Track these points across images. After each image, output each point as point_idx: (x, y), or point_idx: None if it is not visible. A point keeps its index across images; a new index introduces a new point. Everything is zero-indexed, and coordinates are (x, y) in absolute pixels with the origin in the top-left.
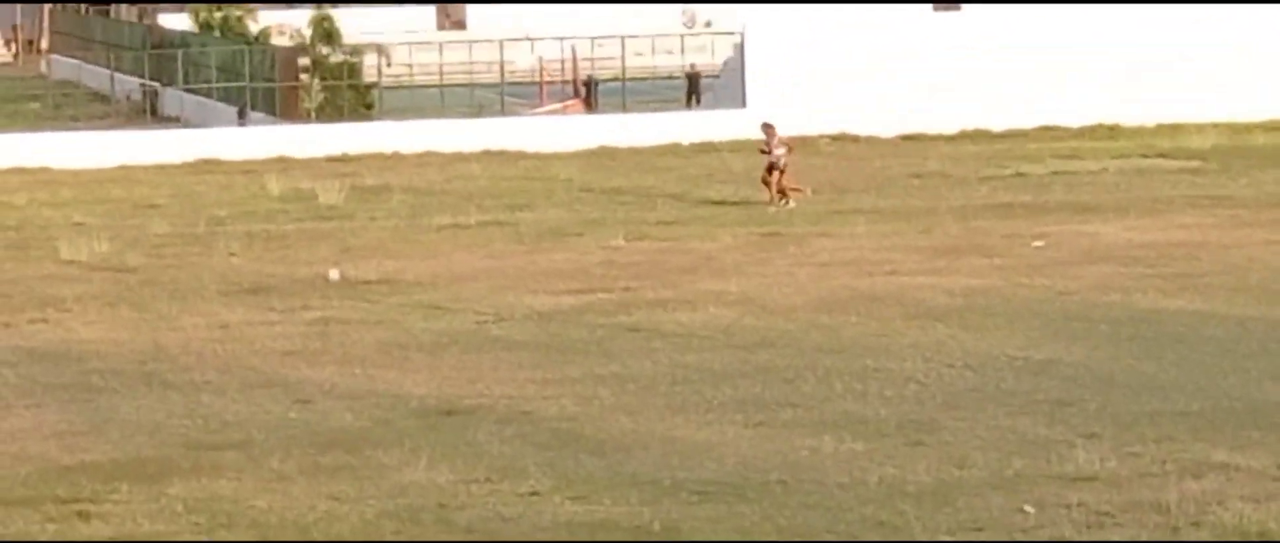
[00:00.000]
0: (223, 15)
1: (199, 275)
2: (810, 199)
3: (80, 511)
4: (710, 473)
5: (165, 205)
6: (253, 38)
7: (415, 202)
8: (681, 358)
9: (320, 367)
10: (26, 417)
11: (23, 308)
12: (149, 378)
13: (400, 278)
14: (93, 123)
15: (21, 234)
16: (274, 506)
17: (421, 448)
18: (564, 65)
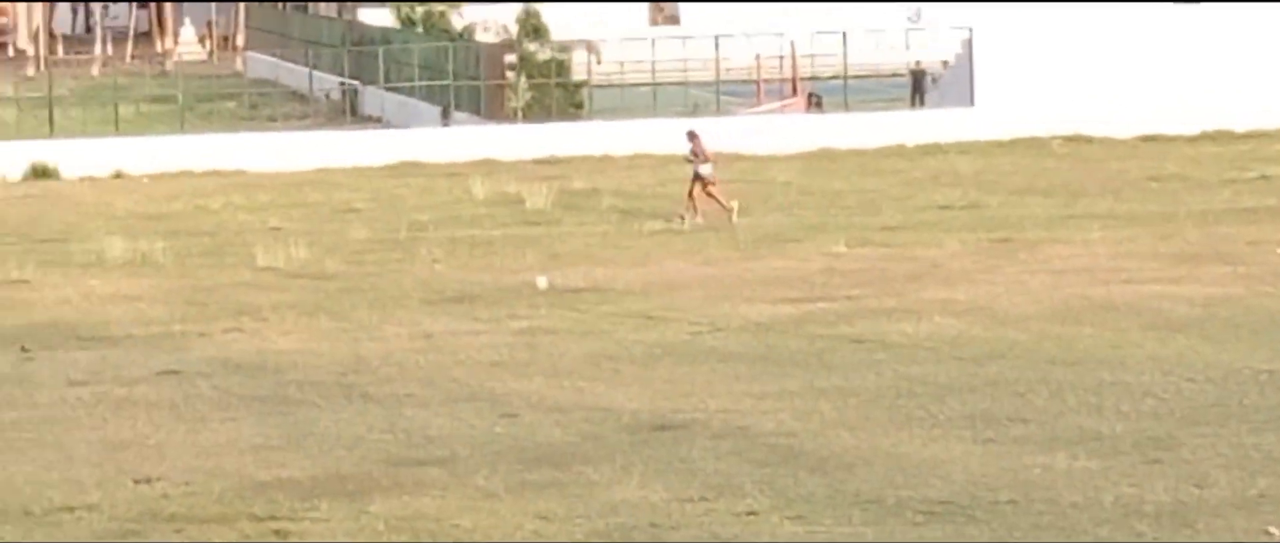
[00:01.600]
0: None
1: (401, 283)
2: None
3: (277, 529)
4: (937, 492)
5: (365, 210)
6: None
7: (626, 206)
8: (906, 370)
9: (527, 379)
10: (222, 430)
11: (217, 317)
12: (349, 390)
13: (610, 286)
14: (290, 123)
15: (217, 240)
16: (479, 524)
17: (633, 464)
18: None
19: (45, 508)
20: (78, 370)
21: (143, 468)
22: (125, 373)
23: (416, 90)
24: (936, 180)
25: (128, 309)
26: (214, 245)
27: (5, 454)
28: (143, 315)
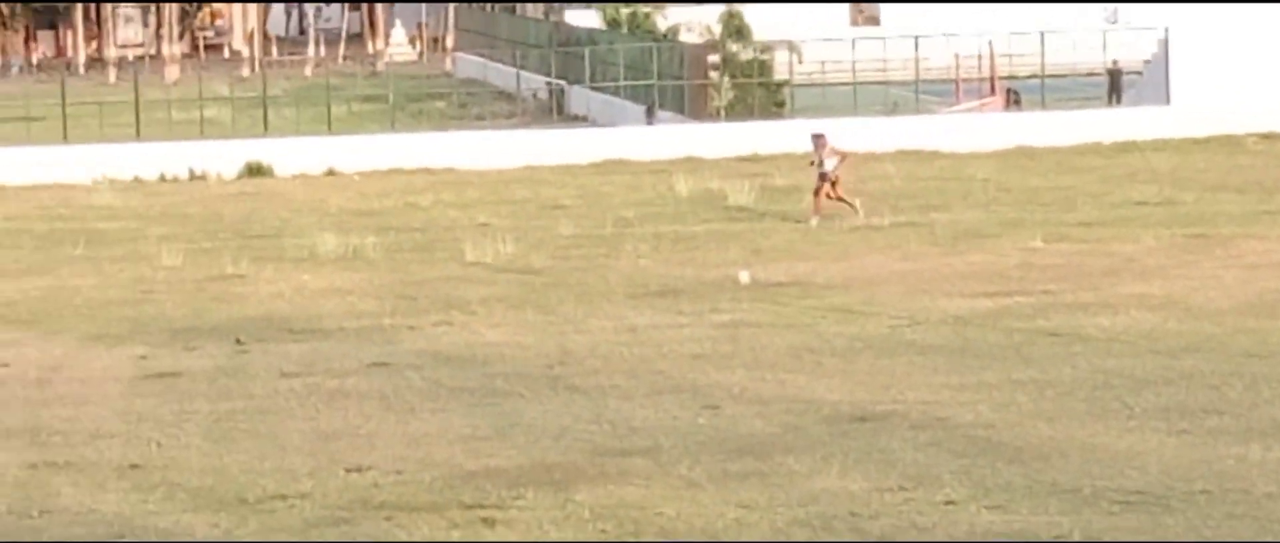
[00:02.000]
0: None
1: (606, 277)
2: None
3: (485, 517)
4: (1132, 482)
5: (571, 206)
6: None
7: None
8: (1102, 363)
9: (729, 371)
10: (432, 421)
11: (428, 310)
12: (555, 382)
13: (811, 280)
14: (498, 122)
15: (427, 235)
16: (682, 513)
17: (833, 455)
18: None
19: (259, 496)
20: (290, 363)
21: (354, 457)
22: (337, 365)
23: (621, 90)
24: (1132, 177)
25: (339, 303)
26: (424, 241)
27: (220, 444)
28: (354, 309)
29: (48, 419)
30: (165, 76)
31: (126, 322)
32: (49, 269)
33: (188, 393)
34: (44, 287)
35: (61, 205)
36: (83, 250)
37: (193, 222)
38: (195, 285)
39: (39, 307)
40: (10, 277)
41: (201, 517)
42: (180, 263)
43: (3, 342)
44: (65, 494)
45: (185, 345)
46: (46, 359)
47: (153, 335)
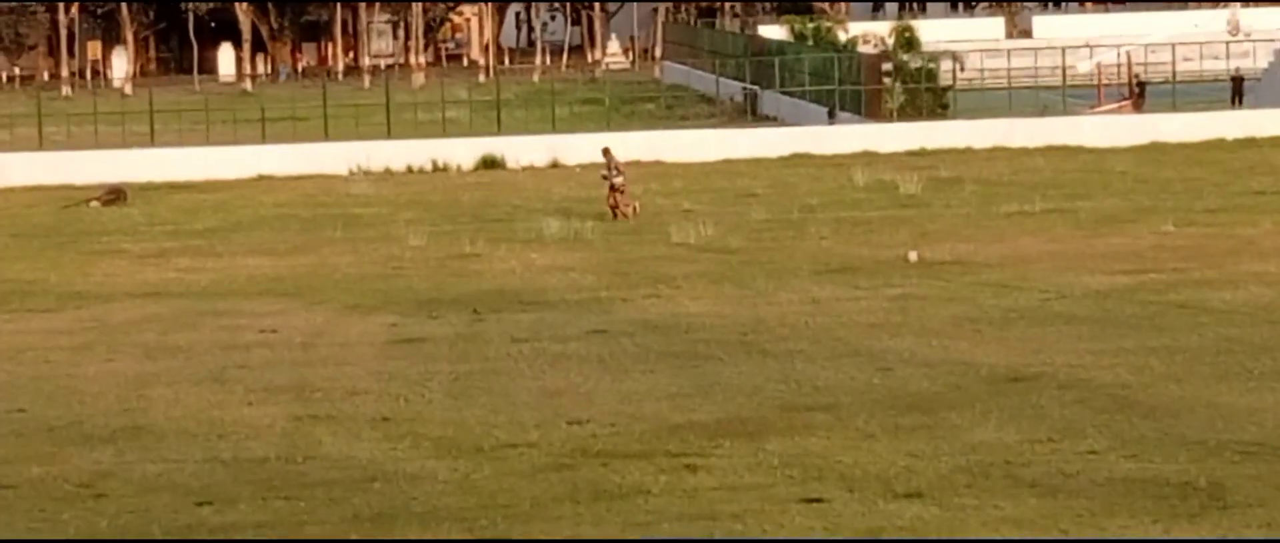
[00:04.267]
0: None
1: (793, 256)
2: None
3: (688, 464)
4: (1252, 435)
5: (763, 195)
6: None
7: (985, 192)
8: (1226, 332)
9: (900, 338)
10: (642, 380)
11: (639, 285)
12: (748, 347)
13: (971, 259)
14: (700, 121)
15: (637, 219)
16: (859, 461)
17: (990, 410)
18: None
19: (492, 445)
20: (520, 330)
21: (574, 412)
22: (560, 332)
23: (806, 93)
24: (1253, 170)
25: (562, 278)
26: (635, 225)
27: (459, 400)
28: (575, 284)
29: (310, 378)
30: (412, 82)
31: (378, 294)
32: (312, 249)
33: (431, 356)
34: (308, 264)
35: (323, 194)
36: (341, 233)
37: (435, 208)
38: (438, 263)
39: (303, 281)
40: (279, 255)
41: (443, 463)
42: (425, 243)
43: (272, 311)
44: (325, 443)
45: (429, 315)
46: (310, 326)
47: (401, 306)
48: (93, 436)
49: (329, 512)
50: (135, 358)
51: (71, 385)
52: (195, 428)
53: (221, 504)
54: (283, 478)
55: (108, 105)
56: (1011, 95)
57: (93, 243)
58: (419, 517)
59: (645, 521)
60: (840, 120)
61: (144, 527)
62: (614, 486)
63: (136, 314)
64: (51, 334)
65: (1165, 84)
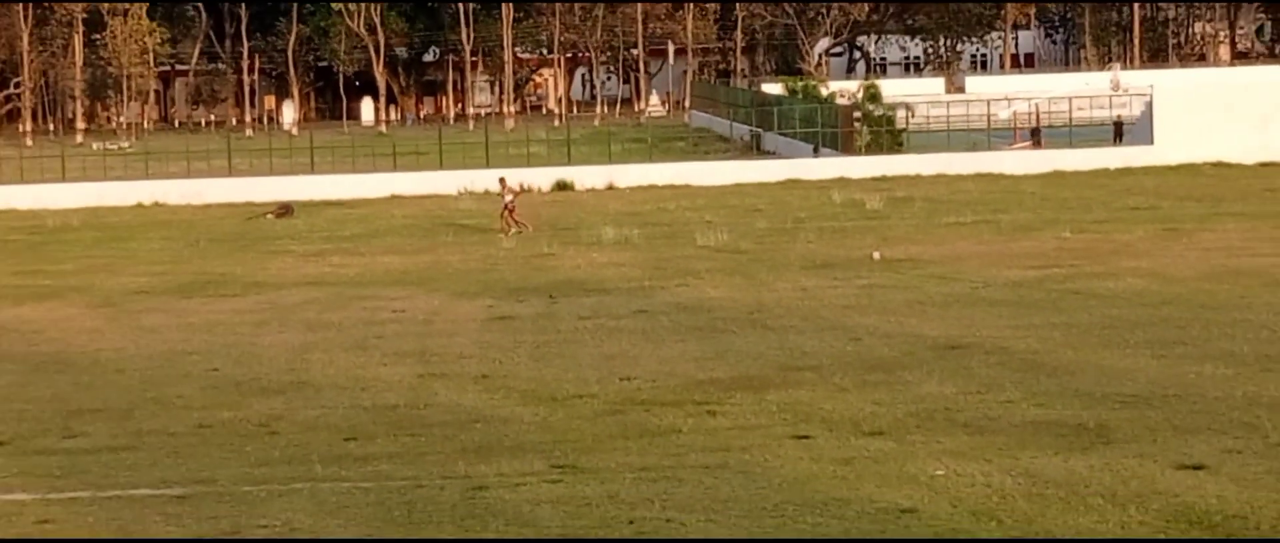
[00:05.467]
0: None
1: (787, 256)
2: (531, 234)
3: (709, 410)
4: (1130, 389)
5: (765, 210)
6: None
7: (930, 207)
8: (1109, 312)
9: (866, 316)
10: (675, 348)
11: (672, 276)
12: (754, 323)
13: (920, 258)
14: (718, 155)
15: (671, 228)
16: (836, 407)
17: (934, 370)
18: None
19: (564, 395)
20: (584, 310)
21: (625, 371)
22: (613, 312)
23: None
24: (1129, 192)
25: (616, 272)
26: (670, 232)
27: (539, 362)
28: (625, 276)
29: (429, 346)
30: (505, 126)
31: (479, 283)
32: (429, 250)
33: (519, 329)
34: (426, 261)
35: (438, 209)
36: (452, 238)
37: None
38: (523, 260)
39: (423, 273)
40: (406, 255)
41: (527, 409)
42: (513, 246)
43: (400, 295)
44: (441, 394)
45: (517, 299)
46: (429, 307)
47: (496, 292)
48: (268, 388)
49: (443, 446)
50: (299, 331)
51: (252, 351)
52: (344, 383)
53: (364, 440)
54: (409, 420)
55: (279, 143)
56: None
57: (268, 245)
58: (510, 449)
59: (677, 452)
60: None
61: (306, 457)
62: (654, 426)
63: (300, 298)
64: (237, 313)
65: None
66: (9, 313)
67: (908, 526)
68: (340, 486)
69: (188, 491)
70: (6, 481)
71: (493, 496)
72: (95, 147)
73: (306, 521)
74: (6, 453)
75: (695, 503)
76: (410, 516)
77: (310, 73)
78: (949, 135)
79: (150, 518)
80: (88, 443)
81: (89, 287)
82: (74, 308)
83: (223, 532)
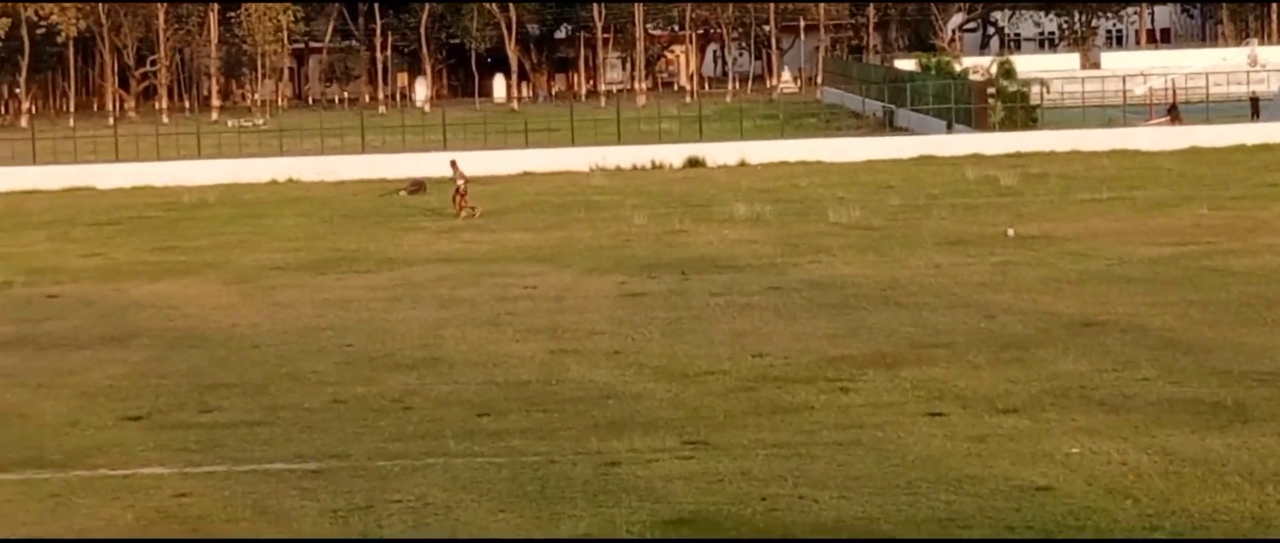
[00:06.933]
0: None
1: (920, 232)
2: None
3: (842, 387)
4: (1267, 366)
5: (897, 187)
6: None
7: (1064, 184)
8: (1247, 289)
9: (1000, 293)
10: (807, 324)
11: (805, 253)
12: (887, 300)
13: (1054, 235)
14: (849, 132)
15: (803, 205)
16: (970, 385)
17: (1069, 348)
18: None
19: (696, 371)
20: (716, 286)
21: (757, 347)
22: (746, 288)
23: (930, 110)
24: (1267, 168)
25: (747, 249)
26: (801, 208)
27: (671, 338)
28: (757, 252)
29: (561, 322)
30: (636, 103)
31: (611, 260)
32: (561, 227)
33: (650, 306)
34: (558, 238)
35: (570, 186)
36: (583, 215)
37: (653, 196)
38: (655, 237)
39: (555, 250)
40: (537, 231)
41: (659, 385)
42: (646, 223)
43: (532, 272)
44: (572, 370)
45: (649, 275)
46: (560, 283)
47: (628, 269)
48: (401, 364)
49: (575, 421)
50: (432, 307)
51: (386, 327)
52: (477, 358)
53: (496, 415)
54: (541, 396)
55: (412, 121)
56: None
57: (401, 222)
58: (642, 425)
59: (810, 429)
60: (956, 130)
61: (439, 432)
62: (786, 403)
63: (433, 275)
64: (371, 289)
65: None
66: (146, 289)
67: (1042, 503)
68: (473, 461)
69: (322, 465)
70: (144, 455)
71: (625, 471)
72: (230, 124)
73: (440, 495)
74: (144, 427)
75: (827, 480)
76: (543, 491)
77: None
78: (1084, 111)
79: (285, 492)
80: (224, 418)
81: (224, 263)
82: (209, 284)
83: (357, 506)
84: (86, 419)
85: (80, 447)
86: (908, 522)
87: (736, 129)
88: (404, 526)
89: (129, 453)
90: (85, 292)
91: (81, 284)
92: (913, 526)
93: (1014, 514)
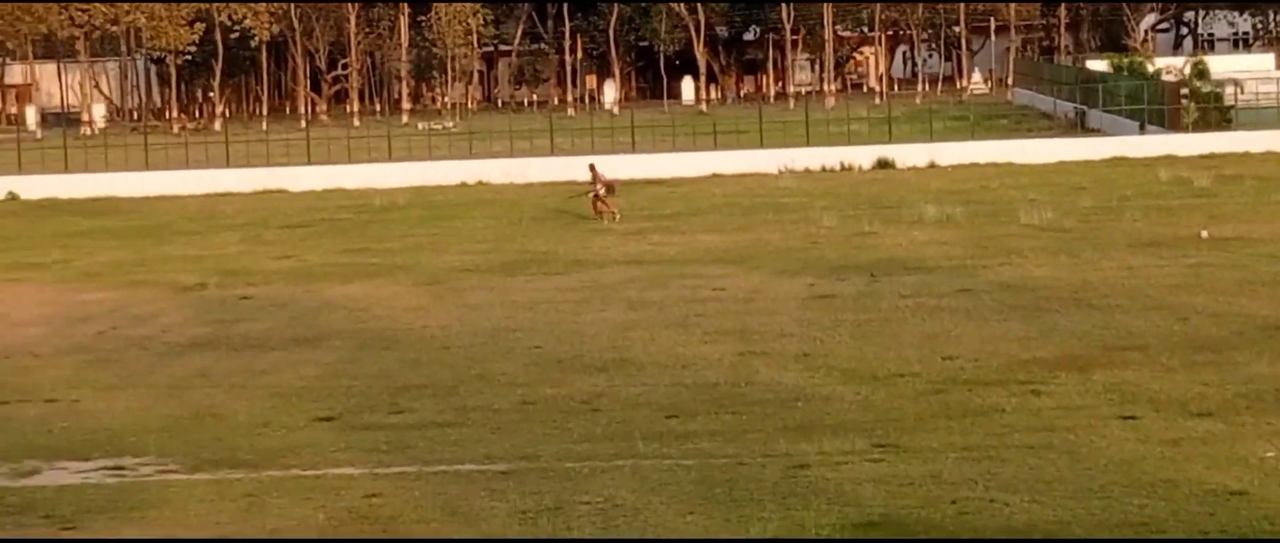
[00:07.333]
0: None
1: (1112, 234)
2: (619, 221)
3: (1033, 390)
4: None
5: (1089, 188)
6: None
7: (1260, 185)
8: None
9: (1194, 295)
10: (998, 327)
11: (995, 255)
12: (1078, 302)
13: (1250, 236)
14: (1041, 133)
15: (994, 207)
16: (1163, 388)
17: (1264, 350)
18: None
19: (885, 374)
20: (906, 289)
21: (947, 350)
22: (935, 291)
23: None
24: None
25: (937, 250)
26: (992, 210)
27: (860, 341)
28: (947, 254)
29: (750, 324)
30: (825, 104)
31: (800, 262)
32: (750, 229)
33: (839, 308)
34: (747, 240)
35: (758, 188)
36: (772, 216)
37: (842, 197)
38: (844, 239)
39: (743, 252)
40: (726, 233)
41: (848, 387)
42: (835, 224)
43: (721, 274)
44: (761, 372)
45: (838, 277)
46: (748, 286)
47: (817, 271)
48: (590, 365)
49: (764, 424)
50: (621, 308)
51: (574, 328)
52: (665, 360)
53: (685, 417)
54: (730, 398)
55: (600, 123)
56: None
57: (590, 224)
58: (831, 428)
59: (1001, 432)
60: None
61: (628, 434)
62: (977, 405)
63: (622, 276)
64: (560, 291)
65: None
66: (338, 291)
67: (1237, 508)
68: (662, 463)
69: (511, 466)
70: (336, 455)
71: (814, 474)
72: (420, 126)
73: (628, 497)
74: (336, 428)
75: (1019, 484)
76: (731, 493)
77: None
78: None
79: (475, 493)
80: (414, 419)
81: (414, 265)
82: (400, 286)
83: (546, 507)
84: (279, 420)
85: (273, 447)
86: (1100, 526)
87: (926, 130)
88: (593, 527)
89: (320, 453)
90: (278, 293)
91: (274, 286)
92: (1105, 530)
93: (1208, 519)
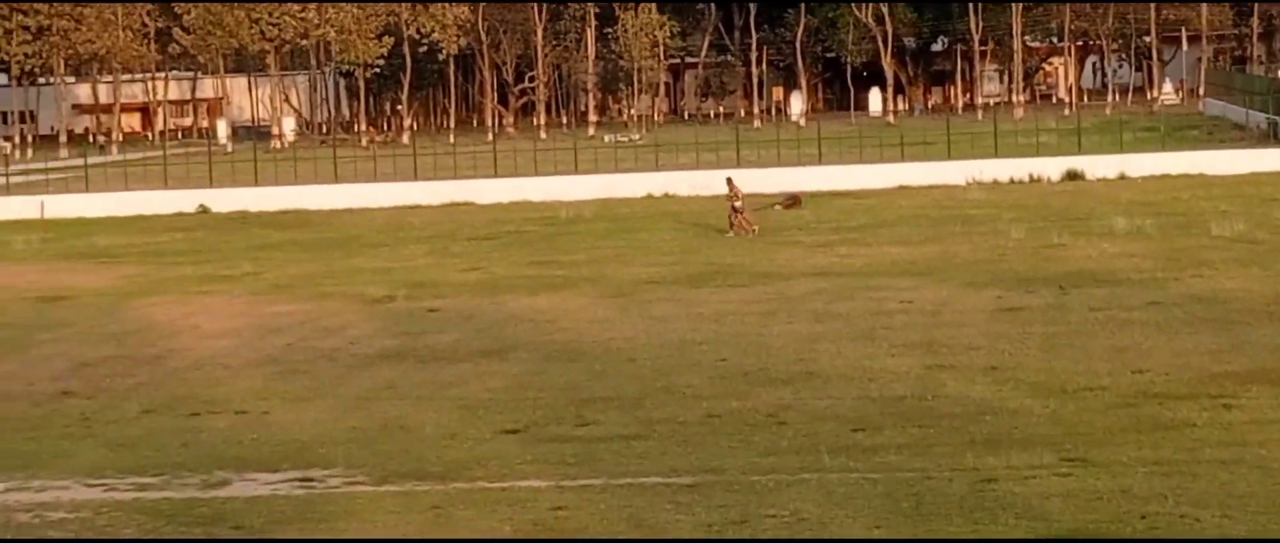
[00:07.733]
0: None
1: None
2: (757, 235)
3: (1225, 404)
4: None
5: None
6: None
7: None
8: None
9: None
10: (1189, 340)
11: (1186, 267)
12: (1272, 316)
13: None
14: (1233, 144)
15: (1185, 218)
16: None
17: None
18: None
19: (1074, 388)
20: (1095, 301)
21: (1137, 363)
22: (1125, 303)
23: None
24: None
25: (1127, 263)
26: (1183, 222)
27: (1049, 354)
28: (1137, 267)
29: (937, 336)
30: (1013, 115)
31: (988, 274)
32: (937, 241)
33: (1028, 320)
34: (934, 252)
35: (946, 200)
36: (959, 228)
37: (1031, 209)
38: (1032, 251)
39: (930, 264)
40: (911, 245)
41: (1037, 401)
42: (1023, 236)
43: (907, 287)
44: (948, 385)
45: (1026, 290)
46: (936, 298)
47: (1005, 283)
48: (775, 379)
49: (951, 437)
50: (807, 321)
51: (760, 341)
52: (851, 373)
53: (871, 431)
54: (917, 411)
55: (787, 134)
56: None
57: (776, 236)
58: (1019, 442)
59: (1191, 446)
60: None
61: (814, 447)
62: (1167, 419)
63: (808, 289)
64: (745, 303)
65: None
66: (524, 303)
67: None
68: (848, 476)
69: (697, 479)
70: (522, 468)
71: (1002, 488)
72: (606, 139)
73: (814, 511)
74: (522, 440)
75: (1210, 499)
76: (918, 507)
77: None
78: None
79: (660, 506)
80: (600, 431)
81: (600, 277)
82: (585, 298)
83: (731, 520)
84: (466, 432)
85: (459, 459)
86: None
87: (1116, 142)
88: None
89: (507, 465)
90: (465, 305)
91: (461, 298)
92: None
93: None
